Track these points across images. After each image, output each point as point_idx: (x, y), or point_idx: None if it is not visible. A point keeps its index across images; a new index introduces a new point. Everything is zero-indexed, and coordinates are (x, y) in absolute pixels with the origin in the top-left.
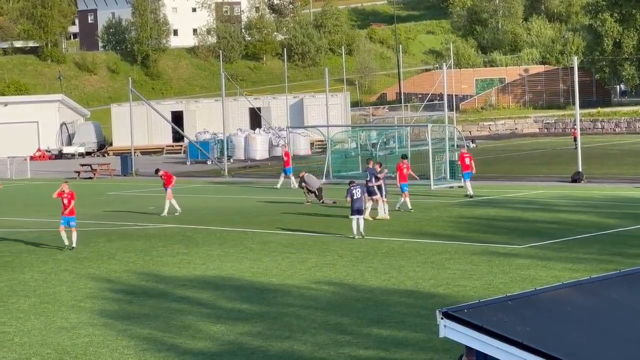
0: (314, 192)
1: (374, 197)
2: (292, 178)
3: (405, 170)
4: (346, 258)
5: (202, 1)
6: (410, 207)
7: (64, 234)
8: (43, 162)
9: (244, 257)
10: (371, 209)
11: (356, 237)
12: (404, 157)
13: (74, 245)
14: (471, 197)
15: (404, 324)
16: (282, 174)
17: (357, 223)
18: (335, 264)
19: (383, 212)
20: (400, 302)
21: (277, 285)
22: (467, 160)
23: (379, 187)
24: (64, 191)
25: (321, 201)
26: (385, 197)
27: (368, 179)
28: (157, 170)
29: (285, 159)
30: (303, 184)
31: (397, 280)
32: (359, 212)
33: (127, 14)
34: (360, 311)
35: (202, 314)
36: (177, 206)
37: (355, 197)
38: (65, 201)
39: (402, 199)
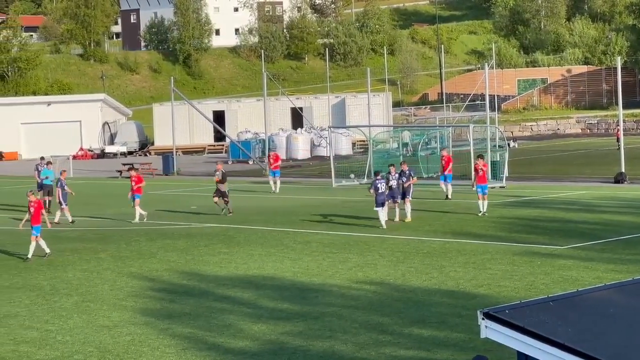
0: (221, 192)
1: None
2: (278, 180)
3: (480, 172)
4: (387, 258)
5: (244, 1)
6: (482, 210)
7: (33, 244)
8: (85, 161)
9: (285, 257)
10: (400, 210)
11: (384, 226)
12: (480, 157)
13: (47, 251)
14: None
15: (445, 324)
16: (270, 177)
17: (383, 214)
18: (377, 263)
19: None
20: (441, 302)
21: (318, 285)
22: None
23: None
24: (30, 201)
25: (225, 203)
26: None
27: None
28: (130, 169)
29: (272, 162)
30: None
31: (438, 280)
32: (384, 204)
33: (169, 13)
34: (402, 311)
35: (243, 313)
36: (138, 213)
37: (380, 191)
38: (32, 210)
39: (480, 202)
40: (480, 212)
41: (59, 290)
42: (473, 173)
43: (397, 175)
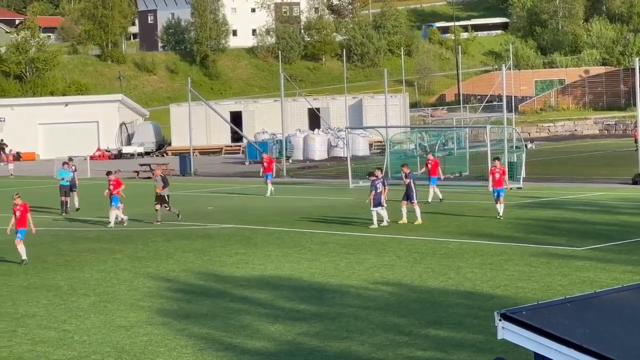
0: (161, 198)
1: (414, 201)
2: (269, 183)
3: (497, 175)
4: (404, 259)
5: (261, 1)
6: (500, 213)
7: (21, 247)
8: (103, 161)
9: (302, 258)
10: (408, 211)
11: (375, 226)
12: (497, 159)
13: (23, 257)
14: (441, 200)
15: (462, 325)
16: (265, 180)
17: (379, 213)
18: (394, 264)
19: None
20: (458, 303)
21: (335, 286)
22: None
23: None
24: (16, 204)
25: (167, 210)
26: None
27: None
28: (108, 172)
29: (267, 164)
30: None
31: (455, 281)
32: (379, 205)
33: (186, 14)
34: (418, 312)
35: (260, 313)
36: (122, 216)
37: (378, 191)
38: (18, 213)
39: (497, 205)
40: (499, 215)
41: (76, 291)
42: (490, 176)
43: (383, 179)
